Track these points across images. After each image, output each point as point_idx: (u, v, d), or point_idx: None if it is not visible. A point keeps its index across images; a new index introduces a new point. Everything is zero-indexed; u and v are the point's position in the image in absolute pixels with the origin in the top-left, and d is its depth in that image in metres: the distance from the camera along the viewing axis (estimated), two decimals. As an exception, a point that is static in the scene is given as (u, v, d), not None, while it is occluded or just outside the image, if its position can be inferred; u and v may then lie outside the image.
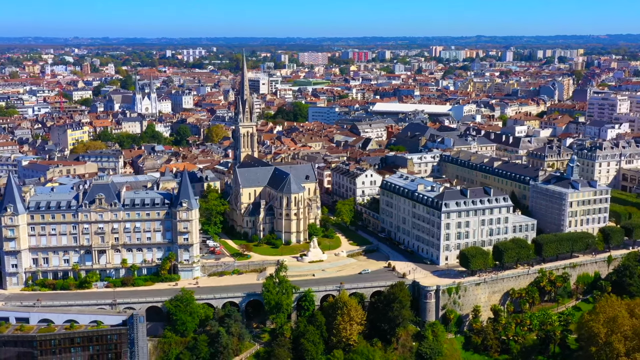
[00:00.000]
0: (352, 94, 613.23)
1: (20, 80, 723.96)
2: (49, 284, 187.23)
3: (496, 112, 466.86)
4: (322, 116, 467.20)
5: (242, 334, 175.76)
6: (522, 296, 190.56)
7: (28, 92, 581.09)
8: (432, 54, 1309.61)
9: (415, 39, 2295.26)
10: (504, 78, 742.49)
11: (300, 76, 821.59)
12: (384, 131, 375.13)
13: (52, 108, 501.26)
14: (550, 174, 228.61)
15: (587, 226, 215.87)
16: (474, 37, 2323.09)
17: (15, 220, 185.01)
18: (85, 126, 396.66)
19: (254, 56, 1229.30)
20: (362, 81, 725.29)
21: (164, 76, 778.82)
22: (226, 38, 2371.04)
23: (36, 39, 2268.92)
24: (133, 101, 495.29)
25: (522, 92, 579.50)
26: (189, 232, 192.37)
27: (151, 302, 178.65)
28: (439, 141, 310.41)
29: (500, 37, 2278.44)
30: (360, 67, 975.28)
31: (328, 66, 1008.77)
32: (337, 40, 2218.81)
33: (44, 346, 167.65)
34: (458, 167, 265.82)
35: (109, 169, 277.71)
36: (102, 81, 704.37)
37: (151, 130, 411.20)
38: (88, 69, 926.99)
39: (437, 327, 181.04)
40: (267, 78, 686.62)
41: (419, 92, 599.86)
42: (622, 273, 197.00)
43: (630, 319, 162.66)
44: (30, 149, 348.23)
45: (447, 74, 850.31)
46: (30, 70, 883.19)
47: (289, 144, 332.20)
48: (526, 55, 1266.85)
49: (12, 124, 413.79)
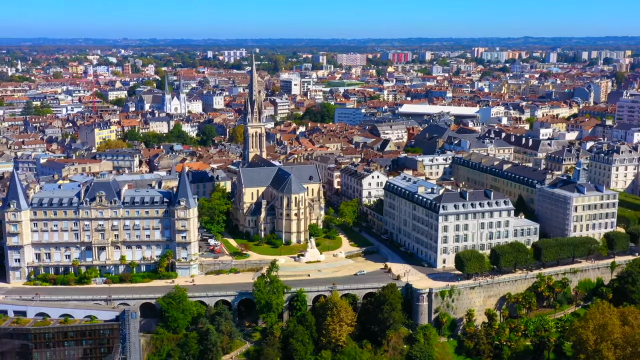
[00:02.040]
0: (383, 95, 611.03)
1: (61, 80, 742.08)
2: (49, 279, 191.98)
3: (525, 114, 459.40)
4: (347, 117, 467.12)
5: (232, 332, 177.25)
6: (519, 301, 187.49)
7: (64, 92, 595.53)
8: (474, 55, 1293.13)
9: (461, 40, 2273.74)
10: (541, 79, 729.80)
11: (336, 77, 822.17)
12: (405, 133, 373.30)
13: (84, 108, 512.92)
14: (558, 178, 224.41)
15: (593, 231, 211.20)
16: (521, 39, 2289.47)
17: (18, 216, 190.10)
18: (112, 125, 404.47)
19: (295, 57, 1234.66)
20: (396, 82, 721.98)
21: (201, 77, 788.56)
22: (271, 39, 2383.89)
23: (86, 40, 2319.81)
24: (162, 101, 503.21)
25: (557, 94, 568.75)
26: (186, 230, 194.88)
27: (145, 299, 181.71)
28: (455, 143, 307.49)
29: (549, 38, 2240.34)
30: (397, 68, 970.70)
31: (366, 67, 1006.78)
32: (382, 42, 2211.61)
33: (39, 339, 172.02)
34: (469, 169, 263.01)
35: (124, 167, 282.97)
36: (138, 81, 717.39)
37: (177, 130, 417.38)
38: (129, 70, 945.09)
39: (429, 330, 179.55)
40: (299, 79, 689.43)
41: (451, 93, 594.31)
42: (624, 280, 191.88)
43: (622, 327, 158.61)
44: (59, 147, 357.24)
45: (484, 75, 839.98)
46: (73, 70, 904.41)
47: (306, 144, 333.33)
48: (571, 57, 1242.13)
49: (43, 123, 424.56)
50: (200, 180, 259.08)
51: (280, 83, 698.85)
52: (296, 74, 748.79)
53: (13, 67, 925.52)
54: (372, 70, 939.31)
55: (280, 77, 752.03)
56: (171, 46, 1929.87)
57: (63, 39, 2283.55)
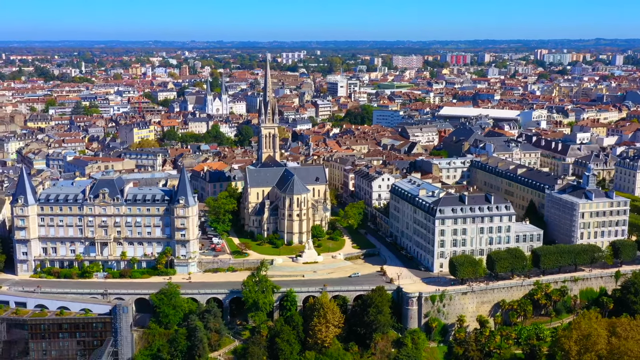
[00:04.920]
0: (429, 97, 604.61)
1: (118, 81, 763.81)
2: (54, 272, 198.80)
3: (570, 118, 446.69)
4: (385, 120, 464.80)
5: (220, 330, 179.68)
6: (514, 308, 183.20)
7: (115, 93, 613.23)
8: (536, 57, 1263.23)
9: (529, 42, 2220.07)
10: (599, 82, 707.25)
11: (388, 79, 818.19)
12: (436, 135, 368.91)
13: (130, 108, 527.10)
14: (568, 183, 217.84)
15: (601, 239, 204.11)
16: (592, 40, 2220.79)
17: (25, 211, 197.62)
18: (152, 125, 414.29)
19: (353, 59, 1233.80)
20: (446, 85, 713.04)
21: (253, 78, 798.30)
22: (336, 42, 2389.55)
23: (156, 42, 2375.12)
24: (204, 102, 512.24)
25: (608, 97, 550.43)
26: (185, 228, 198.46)
27: (139, 294, 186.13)
28: (481, 147, 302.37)
29: (622, 40, 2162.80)
30: (453, 70, 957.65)
31: (421, 69, 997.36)
32: (448, 44, 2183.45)
33: (35, 330, 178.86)
34: (486, 173, 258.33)
35: (147, 166, 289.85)
36: (188, 83, 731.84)
37: (215, 131, 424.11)
38: (186, 71, 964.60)
39: (418, 335, 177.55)
40: (346, 81, 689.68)
41: (499, 96, 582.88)
42: (626, 290, 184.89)
43: (607, 338, 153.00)
44: (99, 145, 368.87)
45: (541, 77, 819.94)
46: (133, 72, 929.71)
47: (332, 146, 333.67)
48: (639, 59, 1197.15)
49: (88, 123, 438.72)
50: (217, 179, 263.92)
51: (327, 85, 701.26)
52: (343, 76, 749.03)
53: (77, 69, 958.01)
54: (426, 72, 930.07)
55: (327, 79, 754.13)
56: (236, 48, 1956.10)
57: (134, 41, 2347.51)
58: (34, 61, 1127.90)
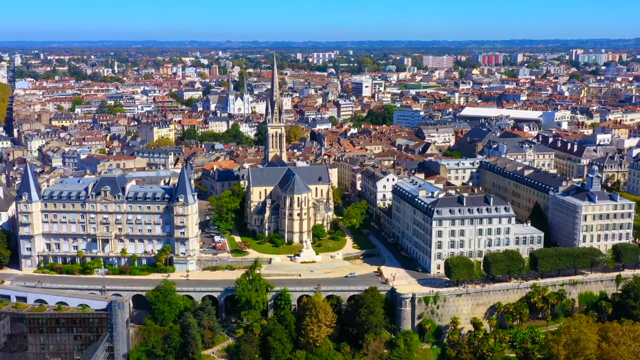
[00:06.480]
0: (454, 97, 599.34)
1: (148, 81, 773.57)
2: (56, 268, 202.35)
3: (594, 119, 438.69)
4: (406, 120, 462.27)
5: (214, 327, 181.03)
6: (509, 311, 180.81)
7: (141, 92, 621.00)
8: (571, 57, 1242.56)
9: (567, 41, 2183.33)
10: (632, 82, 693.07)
11: (416, 79, 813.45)
12: (452, 136, 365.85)
13: (154, 107, 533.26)
14: (572, 185, 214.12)
15: (604, 242, 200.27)
16: (632, 40, 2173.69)
17: (29, 207, 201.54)
18: (172, 124, 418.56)
19: (384, 59, 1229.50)
20: (473, 85, 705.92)
21: (281, 78, 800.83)
22: (370, 42, 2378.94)
23: (192, 42, 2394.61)
24: (226, 102, 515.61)
25: (638, 98, 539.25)
26: (185, 226, 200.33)
27: (136, 291, 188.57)
28: (494, 147, 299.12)
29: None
30: (483, 70, 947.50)
31: (451, 69, 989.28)
32: (484, 44, 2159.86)
33: (33, 324, 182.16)
34: (494, 174, 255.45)
35: (159, 164, 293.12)
36: (215, 82, 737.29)
37: (234, 130, 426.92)
38: (216, 71, 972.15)
39: (411, 336, 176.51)
40: (370, 81, 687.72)
41: (525, 97, 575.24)
42: (626, 294, 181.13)
43: (598, 343, 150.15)
44: (119, 144, 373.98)
45: (572, 78, 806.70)
46: (164, 72, 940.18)
47: (346, 146, 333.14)
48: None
49: (110, 121, 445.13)
50: (225, 178, 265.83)
51: (352, 85, 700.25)
52: (367, 76, 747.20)
53: (110, 69, 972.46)
54: (455, 72, 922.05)
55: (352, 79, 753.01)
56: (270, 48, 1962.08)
57: (170, 41, 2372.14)
58: (70, 61, 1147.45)
